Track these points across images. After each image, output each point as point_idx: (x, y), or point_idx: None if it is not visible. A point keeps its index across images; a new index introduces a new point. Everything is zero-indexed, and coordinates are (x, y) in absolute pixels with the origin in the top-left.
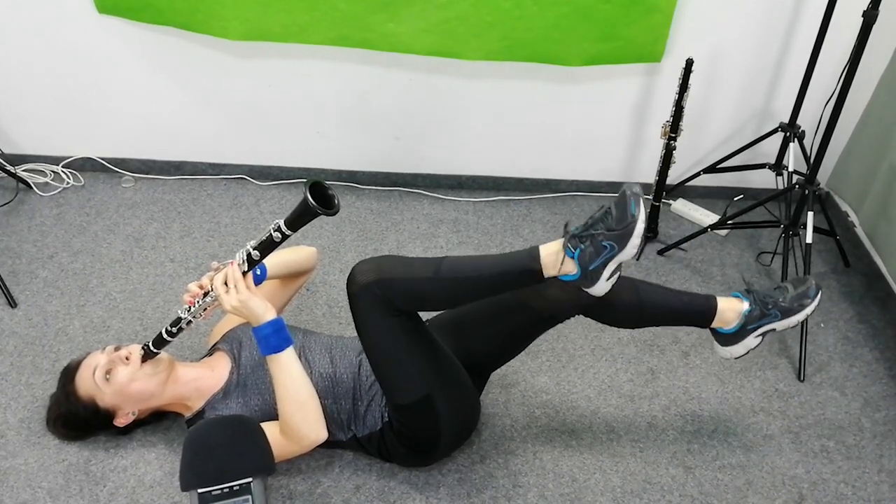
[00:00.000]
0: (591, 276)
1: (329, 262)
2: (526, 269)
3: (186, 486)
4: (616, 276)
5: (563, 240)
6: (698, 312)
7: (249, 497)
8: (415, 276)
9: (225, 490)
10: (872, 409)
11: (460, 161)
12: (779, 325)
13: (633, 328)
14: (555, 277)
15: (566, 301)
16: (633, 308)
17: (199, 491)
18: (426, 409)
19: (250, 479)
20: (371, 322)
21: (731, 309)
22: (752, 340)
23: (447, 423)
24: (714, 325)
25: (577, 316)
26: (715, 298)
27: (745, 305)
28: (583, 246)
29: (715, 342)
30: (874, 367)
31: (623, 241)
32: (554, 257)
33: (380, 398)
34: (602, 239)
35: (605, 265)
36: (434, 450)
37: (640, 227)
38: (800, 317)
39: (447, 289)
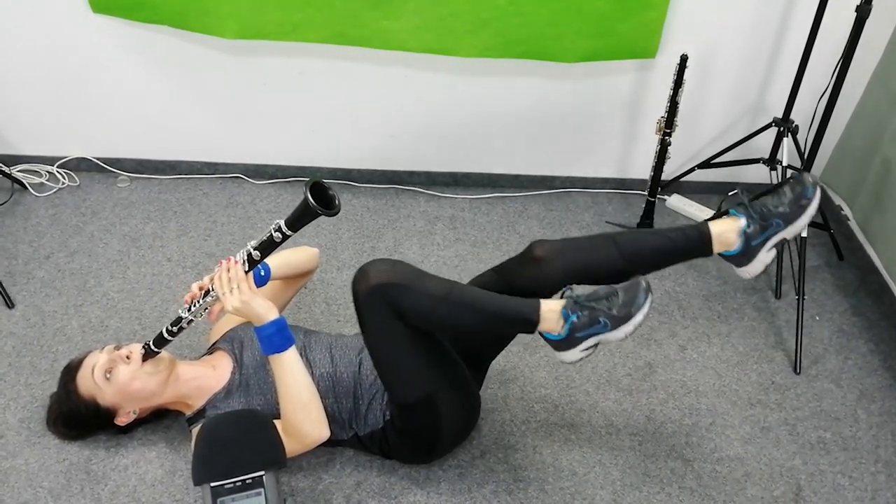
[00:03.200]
0: (571, 341)
1: (326, 260)
2: (524, 318)
3: (199, 479)
4: (589, 353)
5: (563, 301)
6: (692, 244)
7: (262, 490)
8: (427, 292)
9: (238, 483)
10: (868, 400)
11: (456, 158)
12: (786, 232)
13: (629, 279)
14: (538, 260)
15: (547, 277)
16: (615, 263)
17: (212, 484)
18: (428, 407)
19: (262, 473)
20: (376, 322)
21: (728, 230)
22: (765, 255)
23: (449, 421)
24: (717, 249)
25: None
26: (706, 224)
27: (742, 221)
28: (580, 313)
29: (732, 266)
30: (869, 359)
31: (618, 324)
32: (554, 315)
33: (380, 396)
34: (600, 314)
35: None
36: (436, 447)
37: (640, 319)
38: (804, 219)
39: (452, 314)
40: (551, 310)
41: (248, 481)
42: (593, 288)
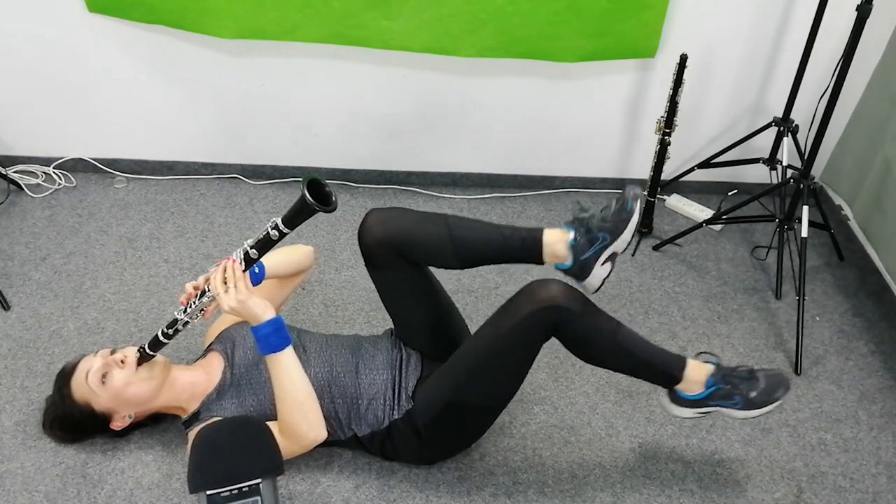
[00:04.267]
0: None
1: (325, 261)
2: (669, 374)
3: (195, 487)
4: (609, 266)
5: (711, 367)
6: (524, 246)
7: (259, 498)
8: (596, 326)
9: (234, 491)
10: (869, 401)
11: (455, 158)
12: (615, 246)
13: (456, 268)
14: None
15: (374, 243)
16: (444, 244)
17: (209, 493)
18: (482, 415)
19: (259, 480)
20: (531, 331)
21: (557, 241)
22: (599, 269)
23: (478, 436)
24: (549, 261)
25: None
26: (541, 231)
27: (570, 235)
28: (723, 386)
29: (574, 281)
30: (870, 360)
31: (748, 407)
32: (699, 380)
33: (381, 397)
34: (738, 394)
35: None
36: (451, 454)
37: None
38: (627, 233)
39: (611, 352)
40: (698, 374)
41: (244, 489)
42: (738, 364)
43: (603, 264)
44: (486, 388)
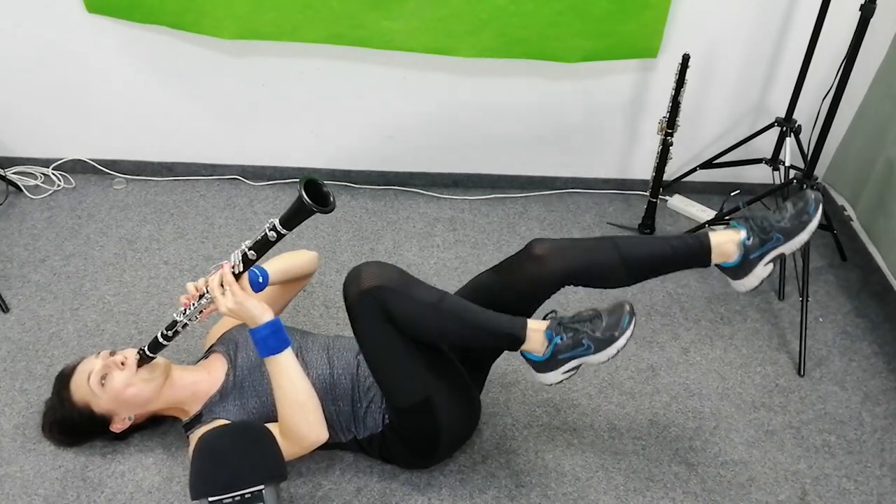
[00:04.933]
0: (553, 363)
1: (325, 262)
2: (510, 334)
3: (197, 494)
4: (570, 375)
5: (547, 322)
6: (691, 253)
7: None
8: (417, 298)
9: (237, 498)
10: (873, 403)
11: (456, 159)
12: (785, 247)
13: (626, 285)
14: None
15: (546, 275)
16: (615, 266)
17: (211, 499)
18: (426, 410)
19: (262, 487)
20: (368, 324)
21: (728, 241)
22: (762, 269)
23: (448, 424)
24: (716, 260)
25: (563, 287)
26: (707, 234)
27: (742, 234)
28: (564, 335)
29: (728, 278)
30: (873, 361)
31: (601, 347)
32: (538, 336)
33: (379, 399)
34: (584, 337)
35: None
36: (435, 451)
37: (623, 342)
38: (804, 235)
39: (440, 324)
40: (536, 329)
41: (247, 495)
42: (577, 310)
43: (766, 265)
44: (398, 386)
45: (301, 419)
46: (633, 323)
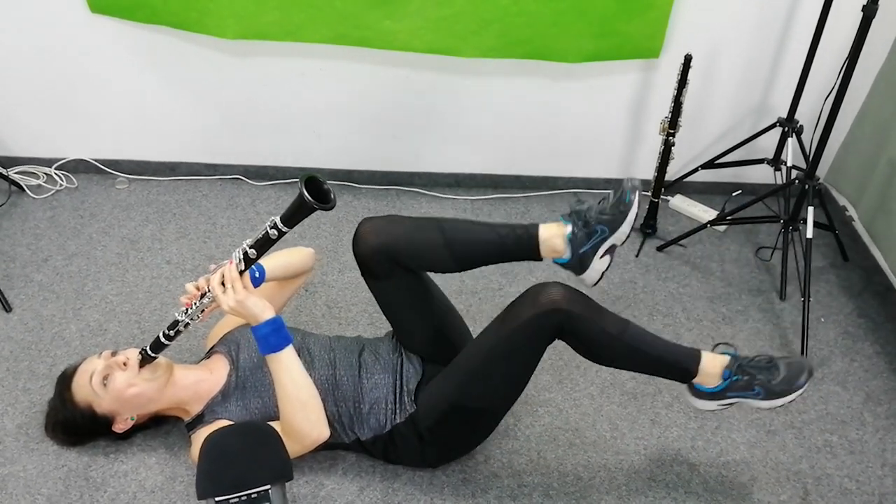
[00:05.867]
0: (717, 397)
1: (327, 262)
2: (684, 368)
3: (203, 493)
4: (608, 258)
5: (727, 359)
6: (520, 244)
7: None
8: (603, 329)
9: (243, 498)
10: (874, 403)
11: (458, 159)
12: (614, 238)
13: (454, 271)
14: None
15: (368, 252)
16: (438, 247)
17: (217, 499)
18: (484, 417)
19: (268, 487)
20: (534, 336)
21: (554, 235)
22: (598, 263)
23: (483, 436)
24: (547, 255)
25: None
26: (536, 226)
27: (568, 228)
28: (741, 378)
29: (572, 275)
30: (875, 361)
31: (771, 397)
32: (715, 372)
33: (383, 401)
34: (758, 384)
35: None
36: (459, 456)
37: (793, 398)
38: (626, 226)
39: (623, 354)
40: (714, 367)
41: (253, 495)
42: (756, 353)
43: (601, 257)
44: (488, 391)
45: (303, 417)
46: (808, 384)
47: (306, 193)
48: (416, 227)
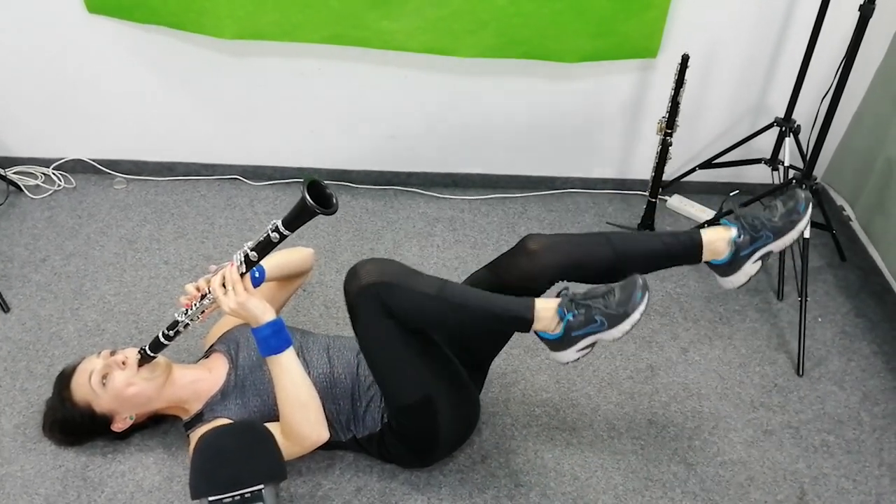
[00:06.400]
0: (567, 341)
1: (325, 262)
2: (518, 316)
3: (197, 493)
4: (585, 353)
5: (559, 300)
6: (683, 249)
7: None
8: (418, 290)
9: (236, 497)
10: (871, 402)
11: (455, 159)
12: (774, 245)
13: (619, 281)
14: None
15: (539, 270)
16: (608, 261)
17: (210, 498)
18: (425, 410)
19: (262, 486)
20: (368, 322)
21: (719, 239)
22: (750, 266)
23: (447, 424)
24: (706, 258)
25: (556, 283)
26: (699, 232)
27: (733, 232)
28: (576, 311)
29: (715, 275)
30: (872, 361)
31: (615, 322)
32: (549, 314)
33: (378, 399)
34: (596, 313)
35: (585, 336)
36: (434, 450)
37: (637, 316)
38: (793, 234)
39: (443, 312)
40: (547, 308)
41: (247, 495)
42: (589, 286)
43: (755, 262)
44: (398, 384)
45: (302, 418)
46: (647, 297)
47: (308, 198)
48: (587, 243)
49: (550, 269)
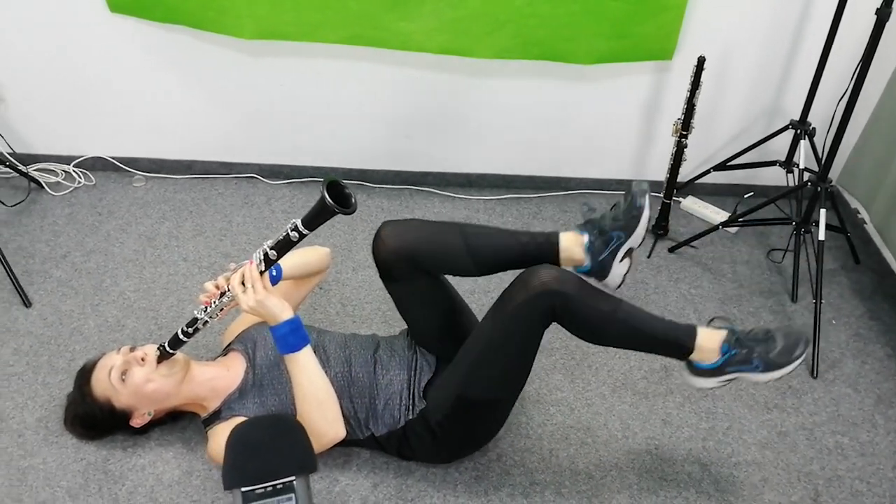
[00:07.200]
0: (717, 373)
1: (341, 260)
2: (679, 343)
3: (229, 484)
4: (628, 261)
5: (723, 333)
6: (541, 252)
7: (293, 496)
8: (596, 307)
9: (268, 489)
10: (885, 405)
11: (471, 159)
12: (630, 242)
13: (474, 275)
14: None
15: (390, 255)
16: (459, 252)
17: (243, 489)
18: (491, 409)
19: (293, 478)
20: (528, 320)
21: (574, 245)
22: (619, 267)
23: (494, 427)
24: (567, 265)
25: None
26: (556, 235)
27: (585, 238)
28: (739, 351)
29: (594, 281)
30: (886, 363)
31: (770, 369)
32: (713, 347)
33: (398, 397)
34: (756, 357)
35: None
36: (470, 449)
37: (791, 369)
38: (640, 228)
39: (617, 332)
40: (711, 340)
41: (279, 486)
42: (755, 327)
43: (621, 261)
44: (491, 381)
45: (319, 416)
46: (807, 353)
47: (328, 197)
48: (438, 232)
49: (400, 254)
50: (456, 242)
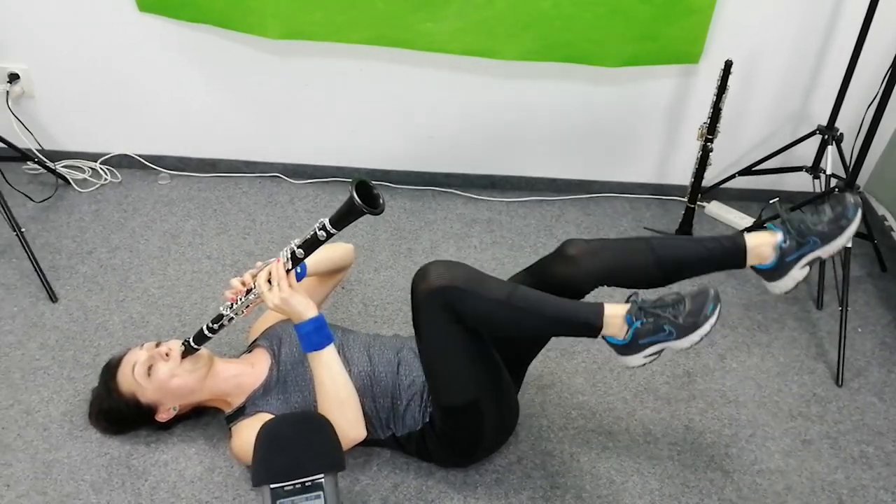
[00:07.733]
0: (634, 347)
1: (364, 260)
2: (588, 322)
3: (258, 481)
4: (653, 359)
5: (627, 306)
6: (727, 255)
7: (321, 493)
8: (488, 296)
9: (297, 486)
10: None
11: (493, 161)
12: (822, 251)
13: (661, 286)
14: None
15: (579, 276)
16: (649, 267)
17: (272, 486)
18: (473, 411)
19: (322, 476)
20: (432, 323)
21: (764, 244)
22: (798, 272)
23: (491, 426)
24: (751, 262)
25: (598, 287)
26: (742, 236)
27: (779, 236)
28: (645, 320)
29: (763, 280)
30: None
31: (684, 333)
32: (617, 321)
33: (419, 398)
34: (665, 322)
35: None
36: (475, 451)
37: (707, 328)
38: (842, 239)
39: (512, 318)
40: (615, 315)
41: (307, 483)
42: (659, 293)
43: (802, 268)
44: (450, 386)
45: (341, 416)
46: (719, 309)
47: (357, 197)
48: (628, 248)
49: (591, 276)
50: (647, 256)
